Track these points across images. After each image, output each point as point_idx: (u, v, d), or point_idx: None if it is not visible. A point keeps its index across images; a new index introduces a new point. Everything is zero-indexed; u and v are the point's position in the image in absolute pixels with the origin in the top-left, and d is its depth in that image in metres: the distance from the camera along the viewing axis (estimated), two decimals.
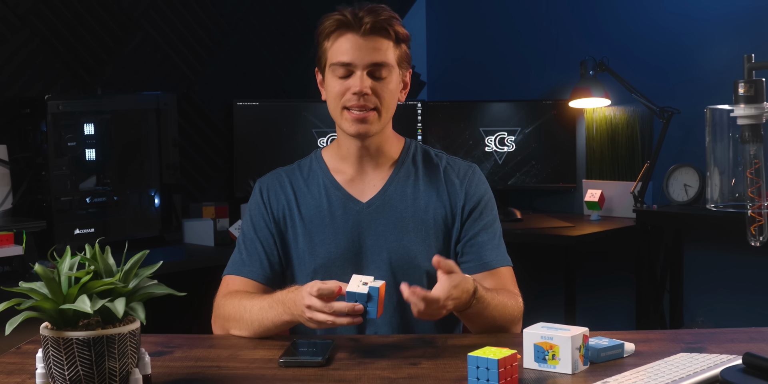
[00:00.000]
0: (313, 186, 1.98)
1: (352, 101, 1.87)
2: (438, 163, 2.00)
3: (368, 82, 1.86)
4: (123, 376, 1.38)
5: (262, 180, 2.03)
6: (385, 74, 1.89)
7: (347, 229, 1.93)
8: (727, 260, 3.73)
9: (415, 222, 1.93)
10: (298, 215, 1.95)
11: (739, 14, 3.63)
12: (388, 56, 1.89)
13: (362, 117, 1.87)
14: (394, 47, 1.90)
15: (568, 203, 4.18)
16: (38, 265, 1.39)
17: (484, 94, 4.35)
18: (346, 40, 1.87)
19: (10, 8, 3.26)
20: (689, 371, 1.45)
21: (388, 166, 1.98)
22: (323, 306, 1.62)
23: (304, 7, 4.16)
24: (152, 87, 3.65)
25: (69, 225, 3.14)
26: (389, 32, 1.88)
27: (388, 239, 1.92)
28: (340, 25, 1.88)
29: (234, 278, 1.93)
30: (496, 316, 1.79)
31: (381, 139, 1.95)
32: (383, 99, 1.89)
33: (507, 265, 1.95)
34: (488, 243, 1.94)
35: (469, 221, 1.95)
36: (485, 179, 2.02)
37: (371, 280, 1.63)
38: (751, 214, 1.53)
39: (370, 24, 1.86)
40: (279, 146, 3.86)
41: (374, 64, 1.87)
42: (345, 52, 1.87)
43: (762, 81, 1.52)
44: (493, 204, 2.00)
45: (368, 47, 1.87)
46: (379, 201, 1.95)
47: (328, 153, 2.02)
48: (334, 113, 1.93)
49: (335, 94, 1.90)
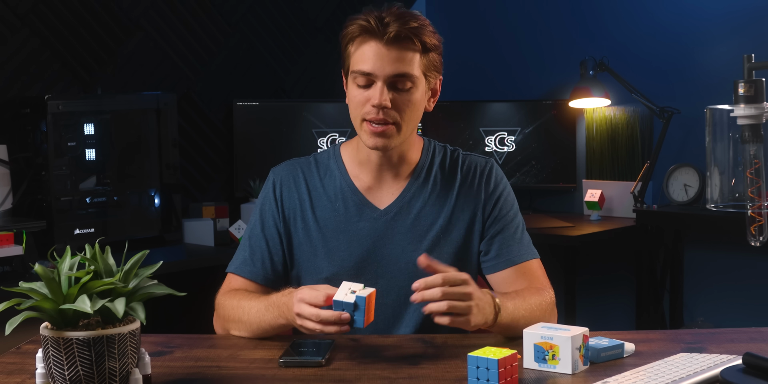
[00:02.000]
0: (330, 188, 1.92)
1: (371, 114, 1.78)
2: (456, 164, 1.94)
3: (388, 96, 1.77)
4: (123, 376, 1.38)
5: (276, 170, 1.96)
6: (408, 86, 1.79)
7: (363, 236, 1.87)
8: (726, 260, 3.74)
9: (434, 229, 1.88)
10: (312, 217, 1.90)
11: (739, 14, 3.64)
12: (412, 67, 1.78)
13: (380, 131, 1.79)
14: (421, 57, 1.80)
15: (568, 203, 4.18)
16: (38, 265, 1.39)
17: (484, 94, 4.35)
18: (369, 48, 1.77)
19: (10, 8, 3.26)
20: (689, 371, 1.45)
21: (408, 173, 1.92)
22: (311, 314, 1.59)
23: (304, 7, 4.16)
24: (152, 87, 3.65)
25: (69, 225, 3.14)
26: (415, 42, 1.78)
27: (405, 248, 1.87)
28: (364, 31, 1.78)
29: (236, 277, 1.92)
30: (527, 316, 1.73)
31: (401, 149, 1.88)
32: (403, 113, 1.79)
33: (533, 258, 1.90)
34: (510, 238, 1.89)
35: (489, 219, 1.90)
36: (502, 173, 1.96)
37: (360, 288, 1.58)
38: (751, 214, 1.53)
39: (395, 32, 1.75)
40: (279, 146, 3.86)
41: (396, 75, 1.77)
42: (366, 61, 1.78)
43: (762, 81, 1.52)
44: (511, 198, 1.94)
45: (391, 57, 1.76)
46: (396, 208, 1.89)
47: (348, 153, 1.94)
48: (354, 122, 1.84)
49: (355, 103, 1.82)
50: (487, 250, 1.90)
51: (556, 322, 1.78)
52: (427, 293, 1.57)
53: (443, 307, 1.57)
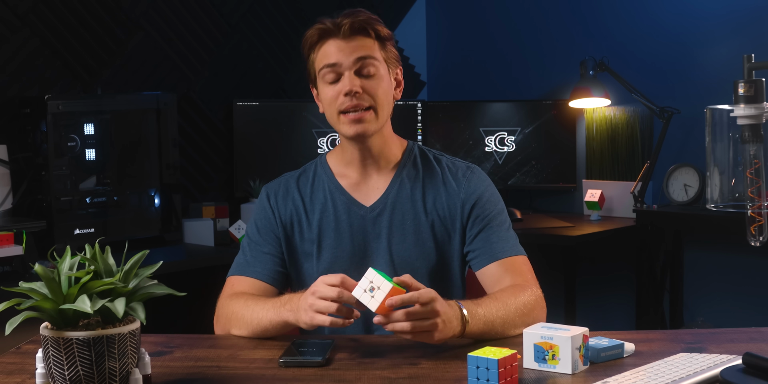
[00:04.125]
0: (319, 191, 1.99)
1: (346, 103, 1.87)
2: (439, 165, 2.00)
3: (357, 81, 1.87)
4: (123, 376, 1.38)
5: (269, 186, 2.03)
6: (374, 71, 1.89)
7: (352, 233, 1.94)
8: (727, 260, 3.74)
9: (417, 224, 1.94)
10: (306, 220, 1.97)
11: (739, 14, 3.64)
12: (373, 52, 1.89)
13: (358, 117, 1.87)
14: (379, 46, 1.91)
15: (568, 203, 4.18)
16: (38, 265, 1.39)
17: (484, 94, 4.35)
18: (329, 45, 1.89)
19: (10, 8, 3.26)
20: (689, 371, 1.45)
21: (390, 169, 1.98)
22: (330, 290, 1.62)
23: (303, 7, 4.16)
24: (152, 87, 3.65)
25: (69, 225, 3.14)
26: (369, 32, 1.90)
27: (390, 242, 1.93)
28: (322, 34, 1.90)
29: (238, 279, 1.93)
30: (503, 319, 1.73)
31: (381, 140, 1.95)
32: (376, 96, 1.88)
33: (517, 254, 1.92)
34: (494, 235, 1.92)
35: (470, 219, 1.94)
36: (486, 177, 2.01)
37: (381, 282, 1.59)
38: (751, 214, 1.53)
39: (349, 25, 1.87)
40: (279, 146, 3.86)
41: (359, 58, 1.87)
42: (330, 55, 1.88)
43: (762, 81, 1.52)
44: (495, 198, 1.98)
45: (351, 47, 1.88)
46: (382, 205, 1.96)
47: (333, 158, 2.02)
48: (331, 120, 1.93)
49: (329, 100, 1.90)
50: (472, 249, 1.94)
51: (545, 319, 1.78)
52: (392, 316, 1.59)
53: (406, 327, 1.59)
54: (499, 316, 1.73)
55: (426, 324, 1.60)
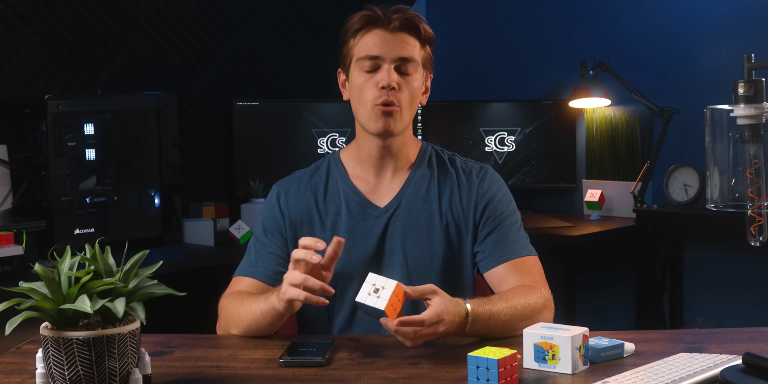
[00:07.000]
0: (333, 191, 1.97)
1: (382, 97, 1.85)
2: (453, 166, 1.99)
3: (396, 77, 1.86)
4: (123, 376, 1.38)
5: (280, 183, 2.01)
6: (411, 71, 1.88)
7: (366, 234, 1.93)
8: (727, 260, 3.74)
9: (430, 225, 1.93)
10: (319, 221, 1.95)
11: (739, 14, 3.64)
12: (415, 53, 1.89)
13: (389, 110, 1.86)
14: (421, 47, 1.91)
15: (568, 203, 4.18)
16: (38, 265, 1.39)
17: (484, 94, 4.35)
18: (374, 35, 1.88)
19: (10, 8, 3.26)
20: (689, 371, 1.45)
21: (405, 170, 1.97)
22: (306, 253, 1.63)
23: (304, 7, 4.16)
24: (152, 87, 3.65)
25: (69, 225, 3.14)
26: (417, 30, 1.89)
27: (404, 242, 1.92)
28: (368, 22, 1.88)
29: (241, 279, 1.93)
30: (508, 320, 1.73)
31: (402, 140, 1.94)
32: (407, 97, 1.87)
33: (528, 254, 1.92)
34: (505, 236, 1.91)
35: (482, 220, 1.94)
36: (499, 178, 2.01)
37: (384, 283, 1.59)
38: (751, 214, 1.53)
39: (399, 21, 1.87)
40: (279, 146, 3.87)
41: (402, 58, 1.86)
42: (373, 46, 1.86)
43: (762, 81, 1.52)
44: (508, 199, 1.98)
45: (396, 41, 1.87)
46: (395, 205, 1.94)
47: (347, 156, 2.00)
48: (358, 110, 1.90)
49: (361, 87, 1.88)
50: (482, 249, 1.93)
51: (552, 321, 1.78)
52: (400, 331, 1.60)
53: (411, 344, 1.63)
54: (506, 315, 1.73)
55: (428, 331, 1.62)
